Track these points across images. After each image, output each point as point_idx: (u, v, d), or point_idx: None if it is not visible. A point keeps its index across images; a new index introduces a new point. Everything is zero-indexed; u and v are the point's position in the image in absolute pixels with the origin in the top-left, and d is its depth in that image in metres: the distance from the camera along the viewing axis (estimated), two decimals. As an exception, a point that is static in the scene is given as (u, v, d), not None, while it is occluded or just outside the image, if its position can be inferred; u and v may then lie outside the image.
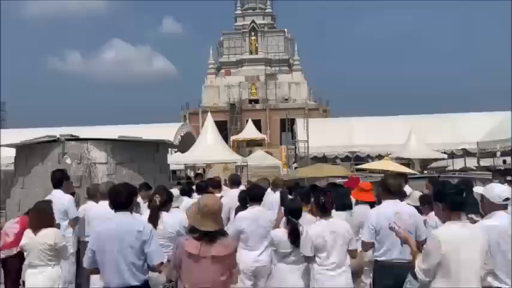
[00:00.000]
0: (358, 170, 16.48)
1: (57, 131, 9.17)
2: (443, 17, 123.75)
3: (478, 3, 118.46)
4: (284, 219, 4.26)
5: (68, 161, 7.30)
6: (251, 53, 46.81)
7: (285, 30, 48.68)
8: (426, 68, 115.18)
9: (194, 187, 7.18)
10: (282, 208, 4.60)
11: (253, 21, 47.00)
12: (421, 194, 6.12)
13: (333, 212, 4.20)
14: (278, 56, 46.70)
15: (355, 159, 25.48)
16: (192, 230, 3.07)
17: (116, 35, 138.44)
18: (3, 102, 62.23)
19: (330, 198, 4.01)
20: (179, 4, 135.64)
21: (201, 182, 7.04)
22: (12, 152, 8.37)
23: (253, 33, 47.12)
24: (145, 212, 5.16)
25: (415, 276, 2.95)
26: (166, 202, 4.49)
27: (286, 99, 43.22)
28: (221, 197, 6.34)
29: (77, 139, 7.67)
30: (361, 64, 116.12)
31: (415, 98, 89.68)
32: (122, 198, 3.25)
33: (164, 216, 4.42)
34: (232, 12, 49.98)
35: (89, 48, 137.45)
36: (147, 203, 5.20)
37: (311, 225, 3.99)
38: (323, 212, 3.98)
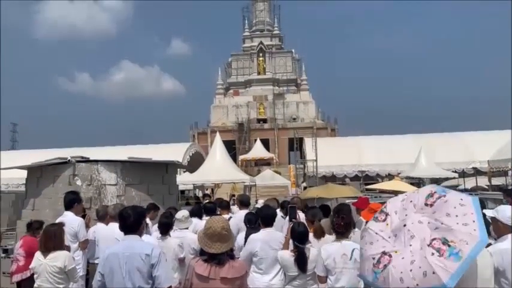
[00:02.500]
0: (368, 189, 16.36)
1: (67, 152, 9.31)
2: (453, 35, 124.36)
3: (489, 21, 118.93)
4: (291, 241, 4.22)
5: (79, 182, 7.38)
6: (259, 73, 47.37)
7: (293, 50, 49.30)
8: (434, 86, 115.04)
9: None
10: (290, 223, 4.55)
11: (261, 43, 47.74)
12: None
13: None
14: (286, 76, 47.18)
15: (365, 178, 25.30)
16: (201, 252, 3.09)
17: (125, 57, 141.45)
18: (14, 124, 63.73)
19: (342, 220, 3.92)
20: (187, 26, 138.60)
21: (208, 204, 7.02)
22: (23, 174, 8.49)
23: (261, 54, 47.80)
24: (154, 233, 5.19)
25: None
26: None
27: (294, 119, 43.38)
28: (230, 218, 6.32)
29: (87, 161, 7.75)
30: (369, 83, 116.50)
31: (423, 117, 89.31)
32: (131, 222, 3.27)
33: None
34: (240, 34, 50.89)
35: (98, 69, 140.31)
36: (156, 225, 5.23)
37: (325, 246, 3.95)
38: (337, 233, 3.92)
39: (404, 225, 2.61)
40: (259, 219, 4.76)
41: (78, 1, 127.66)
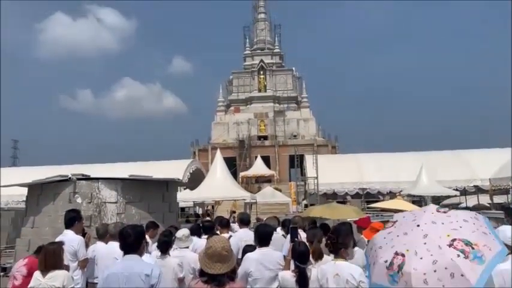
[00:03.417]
0: (369, 208, 16.28)
1: (68, 169, 9.32)
2: (451, 52, 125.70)
3: (490, 40, 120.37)
4: (293, 261, 4.17)
5: (79, 200, 7.37)
6: (260, 90, 47.76)
7: (293, 68, 49.81)
8: (435, 103, 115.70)
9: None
10: (291, 244, 4.50)
11: (261, 61, 48.29)
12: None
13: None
14: (286, 93, 47.52)
15: (366, 196, 25.20)
16: (201, 273, 3.05)
17: (127, 74, 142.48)
18: (16, 140, 63.96)
19: (333, 239, 3.86)
20: (189, 44, 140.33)
21: (207, 222, 6.98)
22: (23, 190, 8.48)
23: (261, 72, 48.29)
24: (154, 252, 5.14)
25: None
26: None
27: (295, 136, 43.48)
28: (230, 236, 6.27)
29: (88, 178, 7.76)
30: (369, 100, 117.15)
31: (424, 134, 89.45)
32: (131, 242, 3.26)
33: None
34: (242, 52, 51.51)
35: (100, 86, 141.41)
36: (156, 243, 5.19)
37: (321, 266, 3.91)
38: (331, 252, 3.89)
39: (418, 226, 2.61)
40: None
41: (81, 19, 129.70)
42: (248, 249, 4.81)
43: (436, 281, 2.24)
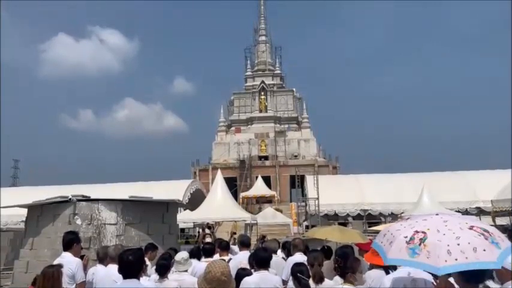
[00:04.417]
0: (370, 231, 16.13)
1: (68, 189, 9.31)
2: (451, 72, 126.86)
3: (490, 60, 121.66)
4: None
5: (79, 221, 7.33)
6: (261, 111, 48.08)
7: (294, 89, 50.28)
8: (436, 124, 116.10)
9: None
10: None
11: (262, 82, 48.83)
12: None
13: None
14: (287, 114, 47.84)
15: (368, 217, 25.02)
16: (201, 298, 3.03)
17: (128, 94, 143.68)
18: (16, 160, 64.06)
19: (341, 262, 3.85)
20: (191, 65, 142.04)
21: (206, 245, 6.91)
22: (23, 211, 8.44)
23: (262, 93, 48.76)
24: (153, 275, 5.09)
25: None
26: None
27: (296, 156, 43.49)
28: (229, 259, 6.21)
29: (88, 199, 7.74)
30: (369, 121, 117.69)
31: (424, 155, 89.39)
32: (130, 266, 3.25)
33: None
34: (243, 74, 52.13)
35: (101, 106, 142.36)
36: (155, 266, 5.15)
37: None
38: (340, 276, 3.86)
39: (437, 214, 2.75)
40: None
41: (84, 40, 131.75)
42: (242, 272, 4.76)
43: (460, 252, 2.32)
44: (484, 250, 2.31)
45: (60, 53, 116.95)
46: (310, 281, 4.39)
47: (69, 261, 5.13)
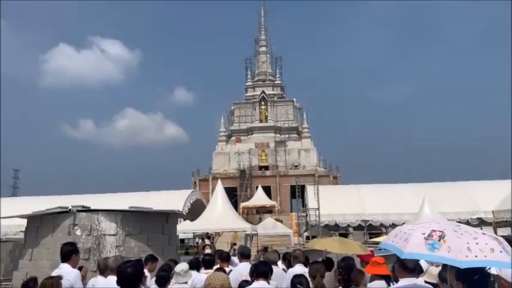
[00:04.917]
0: (370, 242, 16.04)
1: (68, 200, 9.31)
2: (454, 83, 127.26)
3: (490, 68, 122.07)
4: None
5: (78, 232, 7.31)
6: (261, 121, 48.21)
7: (294, 100, 50.48)
8: (437, 134, 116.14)
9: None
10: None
11: (263, 92, 49.05)
12: (440, 269, 5.87)
13: None
14: (287, 124, 47.95)
15: (368, 228, 24.88)
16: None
17: (129, 104, 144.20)
18: (16, 170, 63.98)
19: (344, 274, 3.85)
20: (191, 75, 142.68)
21: (206, 256, 6.88)
22: (22, 221, 8.43)
23: (263, 103, 48.95)
24: (152, 286, 5.06)
25: None
26: None
27: (296, 166, 43.46)
28: (230, 271, 6.17)
29: (87, 210, 7.73)
30: (370, 131, 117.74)
31: (425, 165, 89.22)
32: (130, 279, 3.23)
33: None
34: (243, 84, 52.40)
35: (102, 117, 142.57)
36: (154, 278, 5.12)
37: None
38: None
39: (448, 219, 2.86)
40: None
41: (85, 50, 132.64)
42: (244, 284, 4.74)
43: (479, 251, 2.41)
44: (501, 252, 2.42)
45: (61, 63, 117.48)
46: None
47: (67, 273, 5.11)
